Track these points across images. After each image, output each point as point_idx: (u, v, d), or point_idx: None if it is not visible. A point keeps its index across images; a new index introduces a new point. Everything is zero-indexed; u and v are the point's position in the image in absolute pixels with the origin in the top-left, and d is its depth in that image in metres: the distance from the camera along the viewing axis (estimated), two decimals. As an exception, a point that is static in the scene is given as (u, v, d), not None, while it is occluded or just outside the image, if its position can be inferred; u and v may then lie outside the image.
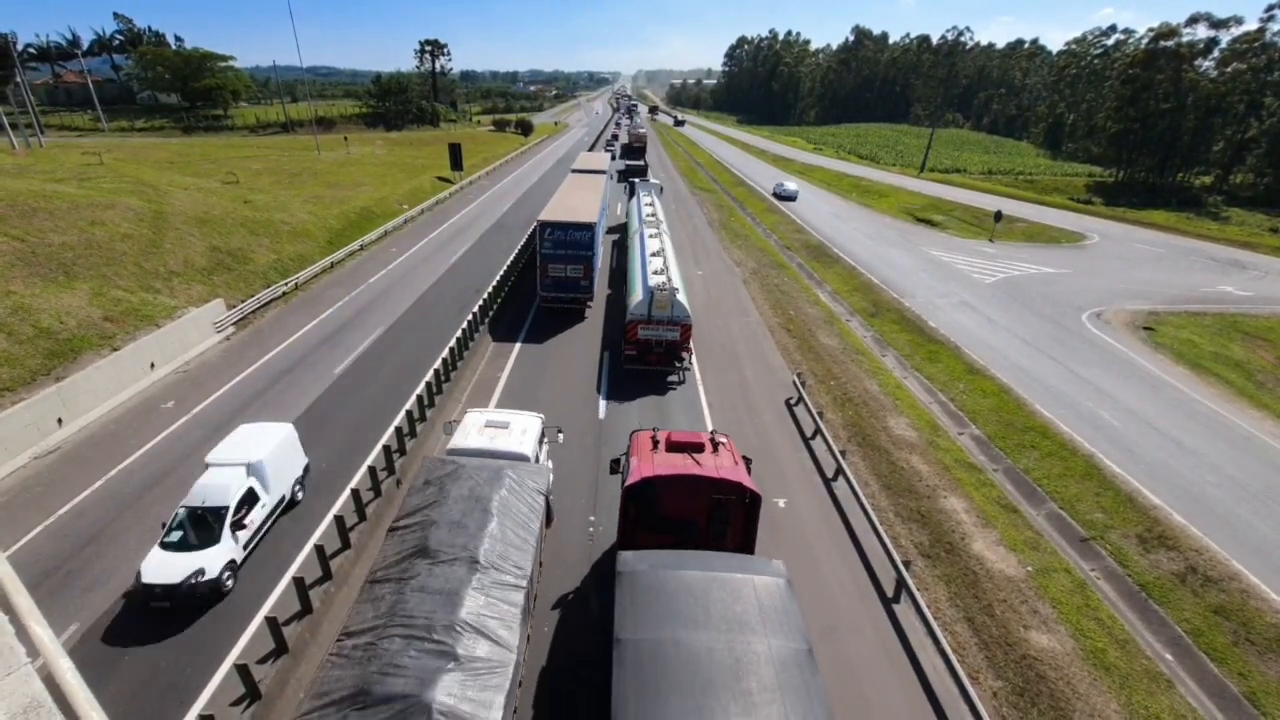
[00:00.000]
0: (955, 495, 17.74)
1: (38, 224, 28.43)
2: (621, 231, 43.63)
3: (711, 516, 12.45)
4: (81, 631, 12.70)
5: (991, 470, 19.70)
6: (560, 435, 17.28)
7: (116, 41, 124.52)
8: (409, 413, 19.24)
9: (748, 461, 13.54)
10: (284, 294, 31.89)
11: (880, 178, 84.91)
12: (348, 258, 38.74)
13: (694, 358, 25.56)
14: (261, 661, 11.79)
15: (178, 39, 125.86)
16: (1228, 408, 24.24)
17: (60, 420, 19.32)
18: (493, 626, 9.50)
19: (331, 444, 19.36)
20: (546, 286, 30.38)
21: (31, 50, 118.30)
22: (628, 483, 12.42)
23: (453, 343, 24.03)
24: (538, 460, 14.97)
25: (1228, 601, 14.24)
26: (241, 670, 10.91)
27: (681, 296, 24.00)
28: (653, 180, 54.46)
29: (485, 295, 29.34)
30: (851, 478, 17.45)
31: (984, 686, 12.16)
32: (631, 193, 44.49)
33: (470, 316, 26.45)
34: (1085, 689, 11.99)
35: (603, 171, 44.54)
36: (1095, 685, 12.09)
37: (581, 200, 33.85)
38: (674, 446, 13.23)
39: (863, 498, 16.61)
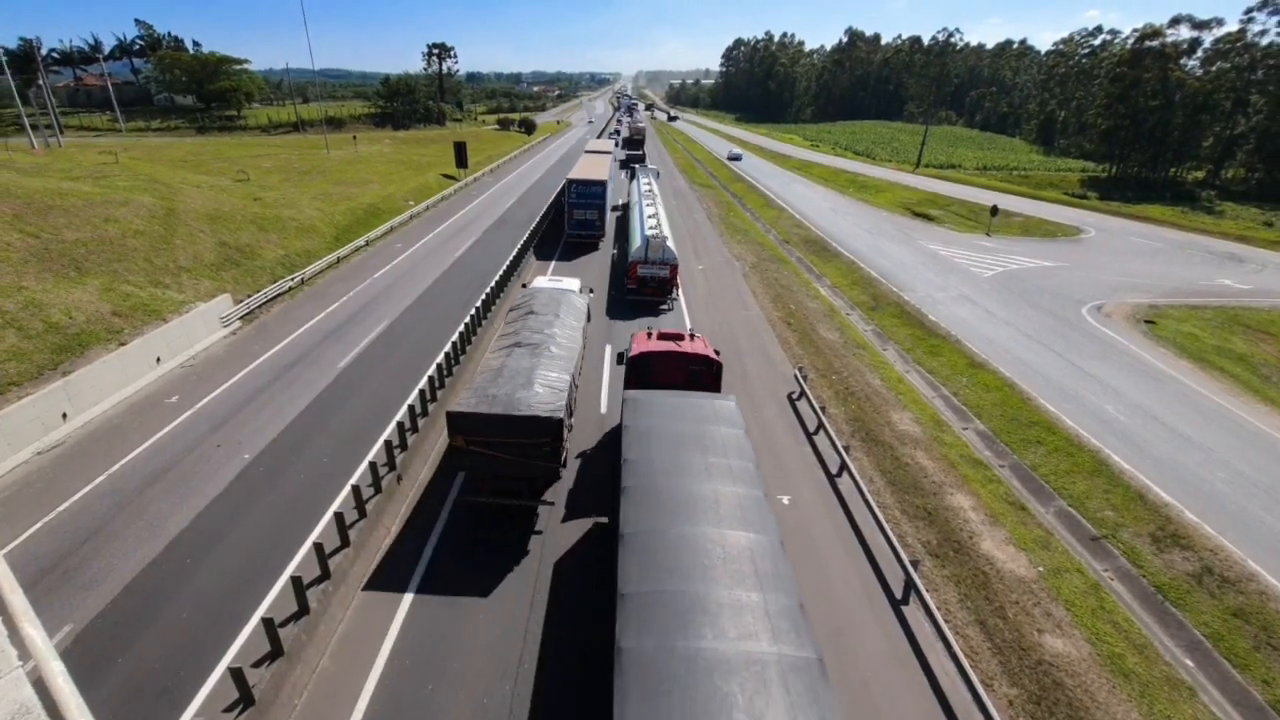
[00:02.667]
0: (962, 492, 16.83)
1: (52, 221, 27.83)
2: (623, 208, 49.15)
3: (689, 380, 17.32)
4: (75, 633, 11.97)
5: (998, 466, 18.77)
6: (591, 291, 25.93)
7: (137, 46, 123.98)
8: (410, 407, 18.40)
9: (717, 353, 18.14)
10: (290, 289, 31.01)
11: (877, 173, 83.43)
12: (354, 253, 37.79)
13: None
14: (256, 665, 11.00)
15: (195, 43, 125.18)
16: (1234, 402, 23.24)
17: (65, 415, 18.60)
18: (558, 367, 16.22)
19: (333, 439, 18.57)
20: (572, 226, 41.83)
21: (55, 55, 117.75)
22: (630, 355, 17.74)
23: (455, 337, 23.19)
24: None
25: (1246, 604, 13.33)
26: (235, 674, 10.16)
27: (670, 244, 31.09)
28: (650, 166, 62.86)
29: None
30: (856, 474, 16.54)
31: (999, 694, 11.25)
32: (632, 175, 53.12)
33: (473, 311, 25.60)
34: (1104, 697, 11.09)
35: (609, 152, 56.79)
36: (1115, 693, 11.19)
37: (595, 168, 45.62)
38: (663, 336, 18.76)
39: (868, 494, 15.70)
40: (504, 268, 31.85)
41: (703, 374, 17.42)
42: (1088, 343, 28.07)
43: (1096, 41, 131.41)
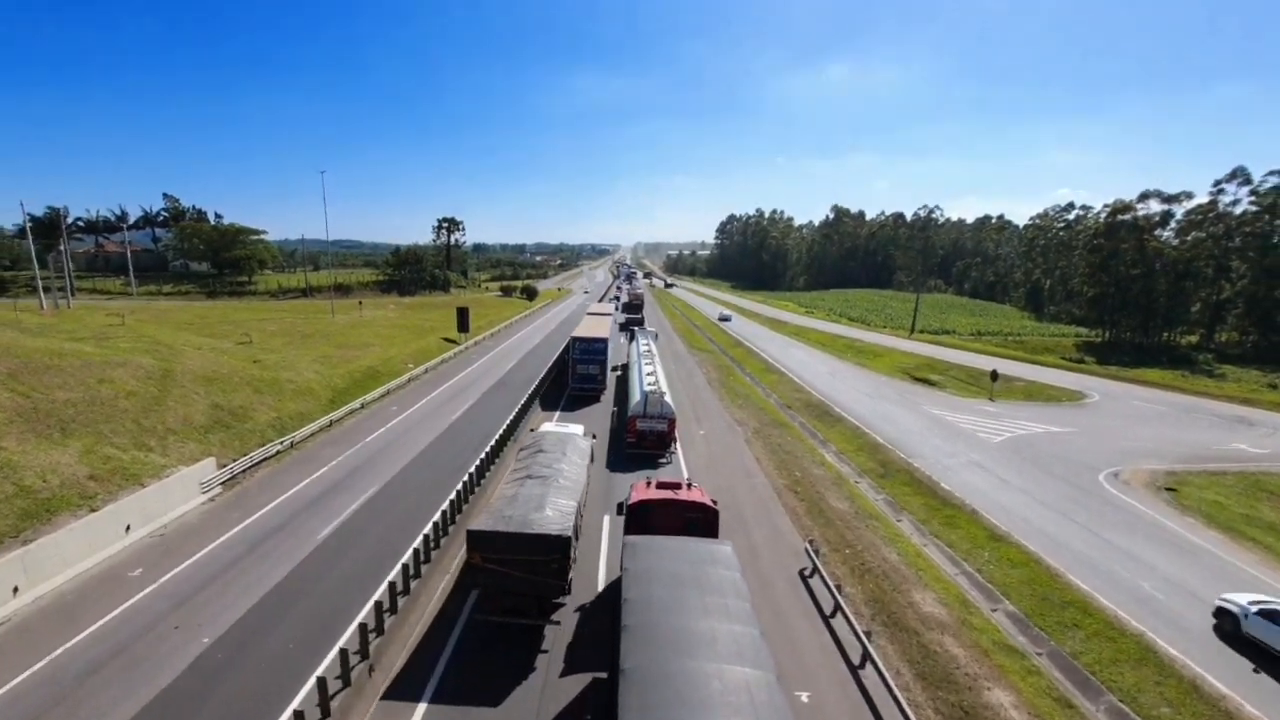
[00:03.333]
0: (1000, 686, 15.79)
1: (46, 380, 28.96)
2: (622, 368, 52.38)
3: (686, 527, 18.69)
4: None
5: (1035, 654, 17.77)
6: (594, 436, 28.64)
7: (161, 217, 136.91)
8: (391, 584, 17.83)
9: (714, 502, 20.04)
10: (278, 453, 31.40)
11: (872, 339, 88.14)
12: (347, 416, 38.78)
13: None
14: None
15: (217, 215, 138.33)
16: (1272, 575, 22.72)
17: (16, 589, 18.00)
18: (566, 495, 18.90)
19: (303, 620, 17.79)
20: (576, 380, 46.63)
21: (80, 223, 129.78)
22: (629, 503, 19.65)
23: (445, 505, 23.01)
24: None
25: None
26: None
27: (668, 399, 34.21)
28: (649, 329, 70.68)
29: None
30: (881, 665, 15.64)
31: None
32: (631, 337, 57.69)
33: (466, 477, 25.69)
34: None
35: (609, 314, 64.80)
36: None
37: (598, 327, 51.74)
38: (661, 485, 20.60)
39: (897, 692, 14.72)
40: (502, 430, 32.69)
41: (699, 521, 19.00)
42: (1111, 512, 27.92)
43: (1071, 216, 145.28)
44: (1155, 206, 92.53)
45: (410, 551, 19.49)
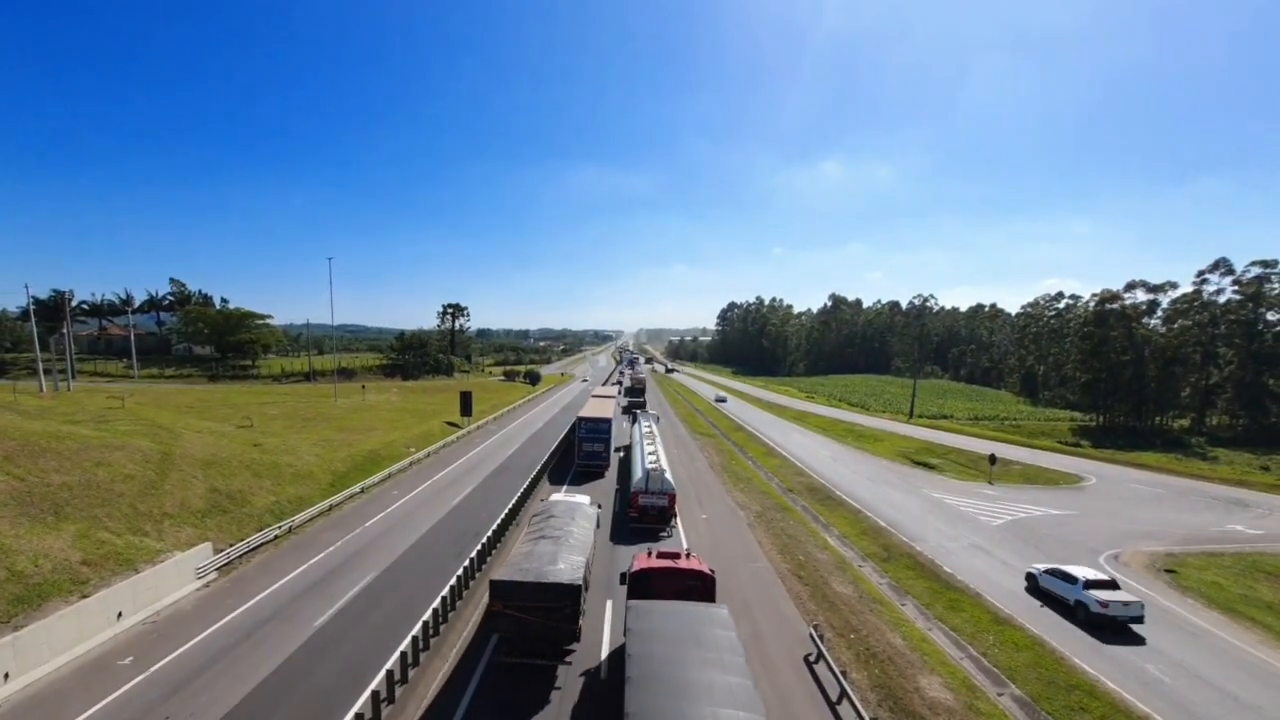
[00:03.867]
0: (1009, 773, 15.55)
1: (42, 464, 29.21)
2: (625, 449, 53.96)
3: (685, 593, 20.11)
4: None
5: (1044, 741, 17.53)
6: (599, 505, 32.08)
7: (167, 301, 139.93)
8: (389, 673, 17.70)
9: (711, 571, 21.41)
10: (276, 538, 31.37)
11: (872, 423, 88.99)
12: (347, 500, 38.87)
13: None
14: None
15: (223, 300, 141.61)
16: (1273, 654, 22.70)
17: (6, 675, 17.85)
18: (576, 552, 21.64)
19: (297, 711, 17.55)
20: (582, 456, 49.90)
21: (85, 306, 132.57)
22: (631, 571, 21.15)
23: (445, 591, 23.00)
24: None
25: None
26: None
27: (669, 475, 36.49)
28: (650, 412, 74.79)
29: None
30: (887, 752, 15.49)
31: None
32: (634, 419, 60.22)
33: (466, 562, 25.71)
34: None
35: (613, 396, 69.92)
36: None
37: (602, 408, 55.86)
38: (662, 555, 22.13)
39: (903, 777, 14.55)
40: (501, 517, 32.81)
41: (698, 587, 20.51)
42: (1114, 597, 27.77)
43: (1061, 304, 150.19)
44: (1141, 296, 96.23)
45: (408, 638, 19.44)
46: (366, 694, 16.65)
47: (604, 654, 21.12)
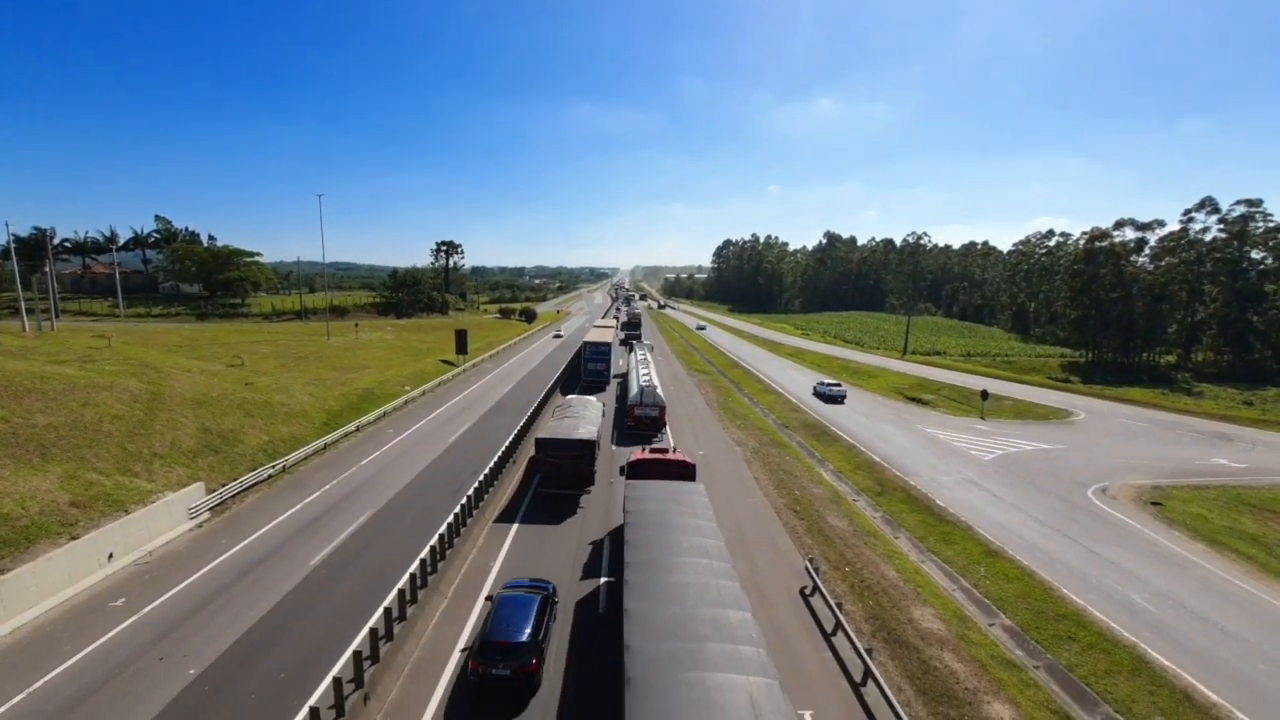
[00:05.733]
0: (999, 700, 15.63)
1: (27, 404, 28.17)
2: (623, 376, 59.58)
3: (671, 477, 25.28)
4: None
5: (1033, 668, 17.65)
6: (603, 404, 42.61)
7: (153, 239, 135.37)
8: (387, 610, 17.39)
9: (692, 461, 27.76)
10: (269, 477, 30.89)
11: (866, 360, 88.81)
12: (342, 439, 38.34)
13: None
14: None
15: (211, 237, 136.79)
16: (1257, 585, 23.01)
17: (-8, 621, 17.38)
18: (590, 424, 32.63)
19: (294, 650, 17.33)
20: (586, 374, 60.22)
21: (67, 244, 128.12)
22: (630, 462, 27.36)
23: (443, 529, 22.66)
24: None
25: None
26: None
27: (659, 390, 43.97)
28: (645, 342, 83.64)
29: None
30: (883, 682, 15.44)
31: None
32: (630, 349, 67.74)
33: (465, 499, 25.32)
34: None
35: (612, 326, 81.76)
36: None
37: (604, 334, 67.75)
38: (653, 450, 28.54)
39: (899, 709, 14.50)
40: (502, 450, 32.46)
41: (681, 473, 26.26)
42: (1100, 526, 28.08)
43: (1052, 242, 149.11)
44: (1130, 234, 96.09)
45: (406, 576, 19.09)
46: (364, 631, 16.44)
47: (610, 499, 28.68)
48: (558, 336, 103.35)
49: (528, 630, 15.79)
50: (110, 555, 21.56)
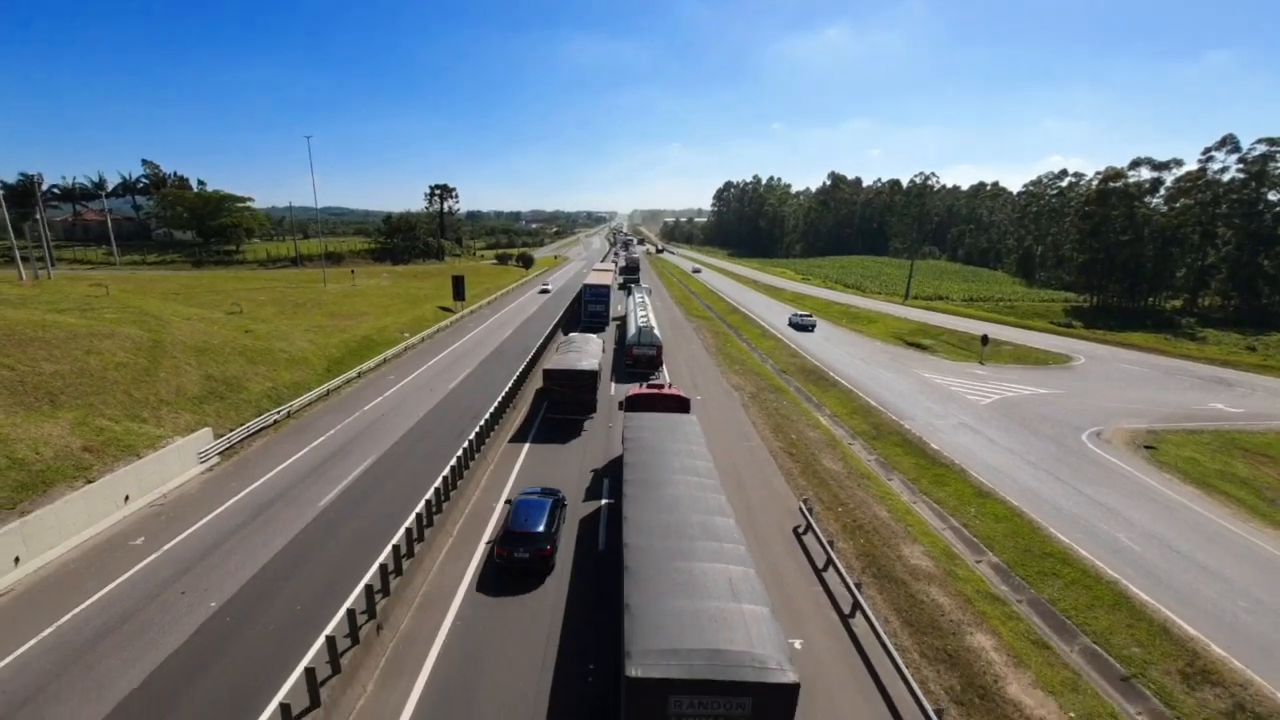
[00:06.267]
0: (982, 631, 16.53)
1: (31, 353, 28.56)
2: (621, 319, 62.15)
3: (665, 405, 28.17)
4: None
5: (1016, 602, 18.56)
6: (603, 341, 47.68)
7: (141, 184, 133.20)
8: (395, 547, 18.22)
9: (687, 397, 30.19)
10: (275, 422, 31.57)
11: (867, 305, 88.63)
12: (344, 385, 38.90)
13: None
14: None
15: (200, 182, 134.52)
16: (1244, 527, 23.65)
17: (17, 559, 18.24)
18: (592, 357, 35.93)
19: (308, 585, 18.22)
20: (586, 315, 63.11)
21: (56, 190, 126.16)
22: (628, 397, 29.61)
23: (447, 471, 23.38)
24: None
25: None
26: None
27: (656, 331, 46.12)
28: (644, 286, 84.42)
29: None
30: (871, 614, 16.32)
31: None
32: (629, 293, 68.55)
33: (466, 443, 26.01)
34: None
35: (610, 270, 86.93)
36: None
37: (603, 277, 71.24)
38: (650, 386, 31.18)
39: (884, 637, 15.40)
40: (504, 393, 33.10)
41: (677, 406, 28.63)
42: (1092, 469, 28.75)
43: (1064, 183, 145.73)
44: (1145, 174, 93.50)
45: (412, 515, 19.81)
46: (374, 567, 17.24)
47: (610, 435, 31.10)
48: (544, 291, 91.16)
49: (543, 524, 19.27)
50: (126, 497, 22.38)
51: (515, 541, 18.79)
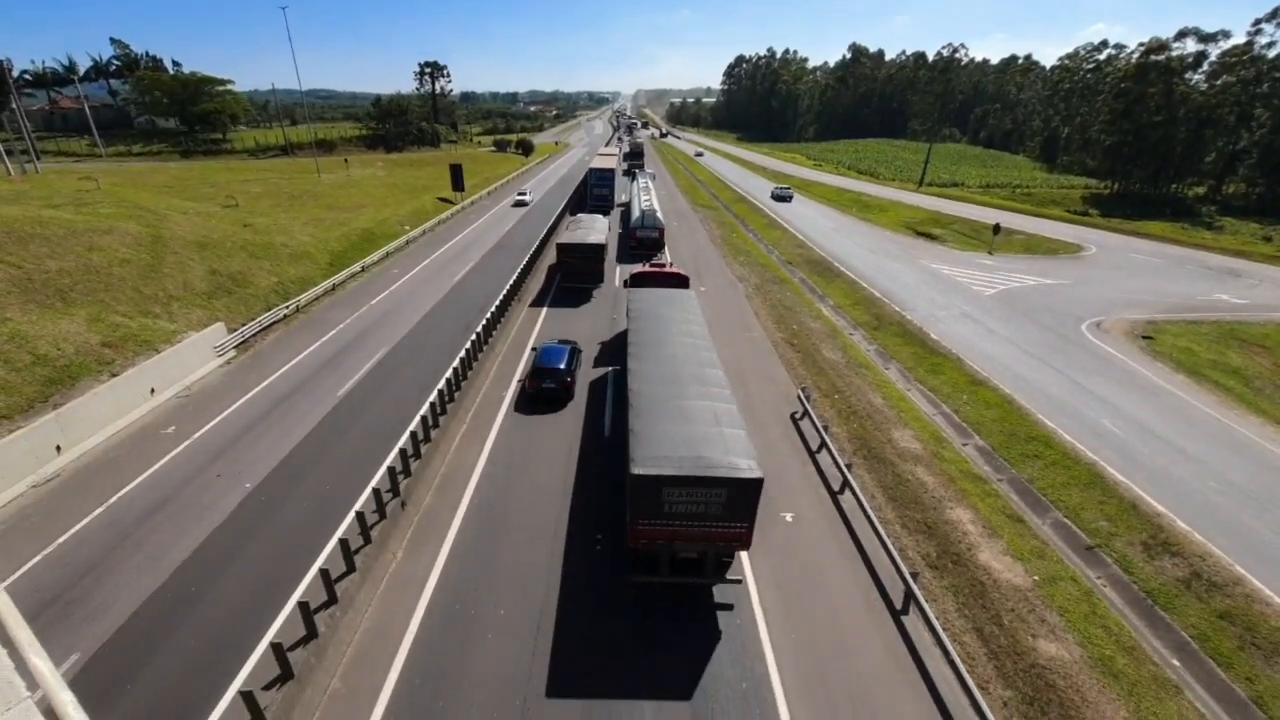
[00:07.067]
0: (961, 506, 17.92)
1: (34, 250, 28.54)
2: (625, 205, 61.85)
3: (666, 282, 31.03)
4: (82, 662, 12.64)
5: (996, 481, 19.91)
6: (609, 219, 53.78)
7: (113, 67, 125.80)
8: (412, 434, 19.37)
9: (687, 275, 32.94)
10: (285, 316, 32.23)
11: (880, 192, 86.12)
12: (349, 279, 39.19)
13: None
14: (267, 688, 11.63)
15: (175, 63, 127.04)
16: (1227, 414, 24.63)
17: (59, 448, 19.38)
18: (600, 233, 40.97)
19: (334, 468, 19.50)
20: (592, 199, 63.44)
21: (27, 76, 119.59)
22: (632, 275, 32.52)
23: (458, 360, 24.33)
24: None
25: (1232, 606, 14.43)
26: (246, 697, 10.72)
27: (659, 214, 48.18)
28: (648, 170, 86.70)
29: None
30: (858, 491, 17.65)
31: (994, 696, 12.27)
32: (633, 178, 70.06)
33: (478, 332, 26.79)
34: (1094, 696, 12.12)
35: (614, 154, 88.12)
36: (1104, 693, 12.23)
37: (607, 161, 71.86)
38: (653, 265, 35.14)
39: (869, 510, 16.79)
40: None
41: (677, 282, 31.35)
42: (1087, 359, 29.47)
43: (1102, 56, 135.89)
44: (1191, 46, 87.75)
45: (426, 405, 20.88)
46: (395, 451, 18.51)
47: (614, 305, 35.45)
48: (520, 203, 68.97)
49: (563, 363, 24.19)
50: (152, 390, 23.33)
51: (543, 375, 23.75)
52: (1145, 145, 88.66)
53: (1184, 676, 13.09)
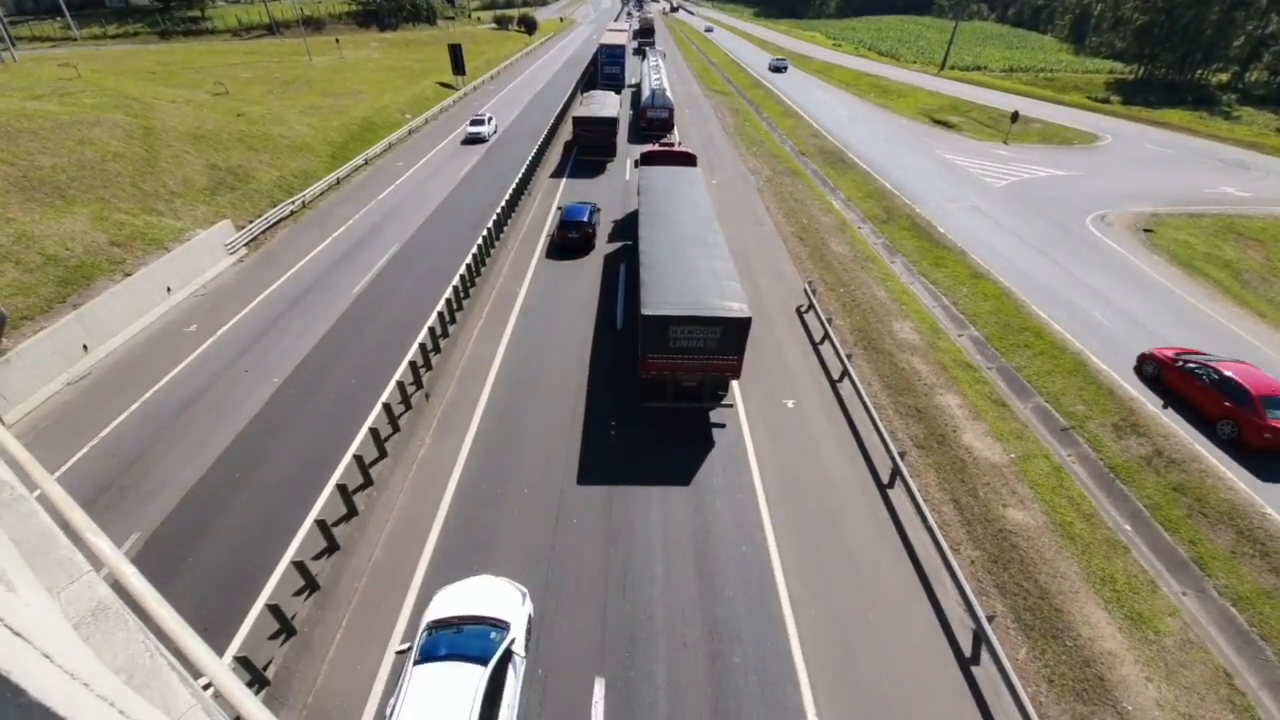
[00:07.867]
0: (951, 392, 18.83)
1: (24, 145, 27.26)
2: (636, 86, 63.72)
3: (674, 161, 31.11)
4: (144, 539, 13.52)
5: (986, 369, 20.73)
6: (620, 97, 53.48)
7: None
8: (431, 329, 19.84)
9: (694, 154, 32.69)
10: (292, 213, 31.81)
11: (900, 76, 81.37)
12: (354, 173, 38.23)
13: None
14: (315, 558, 12.76)
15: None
16: (1212, 306, 24.98)
17: (86, 346, 19.54)
18: (612, 108, 42.83)
19: (357, 363, 19.92)
20: (604, 77, 62.84)
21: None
22: (642, 153, 33.18)
23: (474, 251, 24.43)
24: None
25: (1187, 480, 15.56)
26: (299, 565, 11.94)
27: (669, 93, 49.52)
28: (658, 49, 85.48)
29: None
30: (855, 379, 18.47)
31: (963, 556, 13.70)
32: (644, 57, 71.23)
33: (487, 231, 26.67)
34: (1051, 555, 13.55)
35: (625, 30, 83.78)
36: (1060, 553, 13.64)
37: (617, 36, 69.28)
38: (662, 144, 35.75)
39: (865, 397, 17.71)
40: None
41: (684, 161, 31.52)
42: (1087, 252, 29.39)
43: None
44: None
45: (443, 300, 21.29)
46: (414, 345, 19.16)
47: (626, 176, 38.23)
48: (475, 137, 46.04)
49: (585, 216, 28.04)
50: (168, 289, 23.30)
51: (569, 227, 27.81)
52: (1176, 26, 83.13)
53: (1133, 539, 14.44)
